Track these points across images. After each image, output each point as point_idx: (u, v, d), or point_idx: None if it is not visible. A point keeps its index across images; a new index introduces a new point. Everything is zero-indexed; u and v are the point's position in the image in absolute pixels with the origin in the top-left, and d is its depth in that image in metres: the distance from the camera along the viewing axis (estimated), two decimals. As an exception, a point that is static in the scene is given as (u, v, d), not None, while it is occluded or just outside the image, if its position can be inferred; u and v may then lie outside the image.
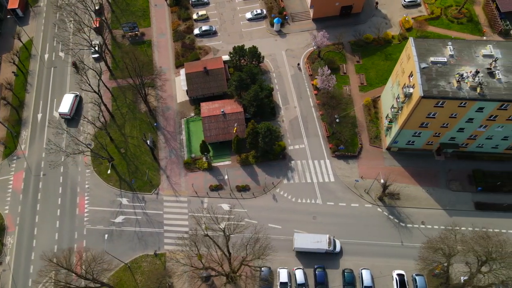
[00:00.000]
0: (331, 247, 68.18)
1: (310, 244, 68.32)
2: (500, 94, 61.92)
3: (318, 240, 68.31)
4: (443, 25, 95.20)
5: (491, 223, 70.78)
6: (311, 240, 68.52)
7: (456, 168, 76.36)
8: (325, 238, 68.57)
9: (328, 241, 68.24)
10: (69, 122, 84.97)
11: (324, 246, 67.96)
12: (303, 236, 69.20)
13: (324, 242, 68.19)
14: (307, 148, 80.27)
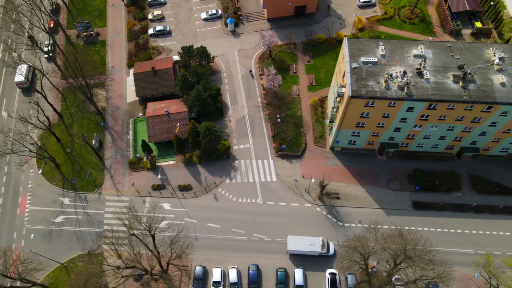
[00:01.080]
0: (325, 249, 67.40)
1: (303, 247, 67.01)
2: (427, 94, 62.27)
3: (312, 243, 66.98)
4: (395, 25, 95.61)
5: (427, 222, 71.35)
6: (305, 243, 67.24)
7: (398, 168, 76.75)
8: (318, 241, 67.52)
9: (321, 244, 67.28)
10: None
11: (317, 248, 66.76)
12: (297, 239, 67.90)
13: (317, 245, 66.98)
14: (252, 148, 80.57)
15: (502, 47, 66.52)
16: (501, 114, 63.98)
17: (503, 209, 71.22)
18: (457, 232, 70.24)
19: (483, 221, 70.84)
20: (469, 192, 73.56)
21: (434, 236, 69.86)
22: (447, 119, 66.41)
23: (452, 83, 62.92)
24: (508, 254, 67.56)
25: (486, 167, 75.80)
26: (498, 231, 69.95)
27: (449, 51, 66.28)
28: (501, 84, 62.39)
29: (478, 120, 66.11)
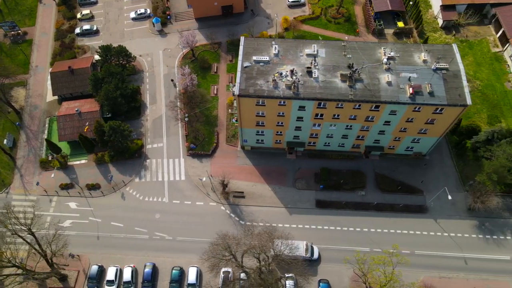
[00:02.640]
0: (309, 254, 66.61)
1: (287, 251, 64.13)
2: (314, 92, 62.58)
3: (295, 247, 65.15)
4: (321, 25, 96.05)
5: (329, 221, 71.61)
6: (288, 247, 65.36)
7: (306, 167, 77.03)
8: (302, 245, 66.88)
9: (305, 248, 66.73)
10: None
11: (301, 253, 65.95)
12: (282, 243, 65.70)
13: (301, 249, 66.23)
14: (165, 147, 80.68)
15: (394, 47, 66.92)
16: (391, 113, 64.46)
17: (403, 208, 71.69)
18: (356, 231, 70.56)
19: (383, 219, 71.24)
20: (373, 191, 73.96)
21: (334, 234, 70.34)
22: (341, 118, 66.84)
23: (340, 82, 63.29)
24: (403, 252, 67.82)
25: (393, 166, 76.26)
26: (396, 229, 70.34)
27: (342, 50, 66.65)
28: (387, 83, 62.79)
29: (371, 119, 66.53)
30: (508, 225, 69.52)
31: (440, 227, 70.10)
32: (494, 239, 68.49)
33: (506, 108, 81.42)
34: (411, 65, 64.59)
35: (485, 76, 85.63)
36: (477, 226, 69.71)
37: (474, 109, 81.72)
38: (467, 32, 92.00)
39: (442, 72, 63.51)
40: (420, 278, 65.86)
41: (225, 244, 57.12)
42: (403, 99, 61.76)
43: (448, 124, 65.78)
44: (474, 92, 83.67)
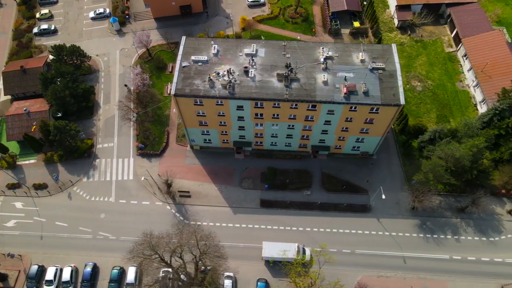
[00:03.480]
0: (300, 256, 65.89)
1: (279, 253, 65.10)
2: (250, 92, 62.64)
3: (287, 249, 65.28)
4: (278, 24, 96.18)
5: (272, 220, 71.64)
6: (279, 249, 65.49)
7: (254, 166, 77.06)
8: (294, 247, 66.20)
9: (296, 250, 66.03)
10: None
11: (292, 255, 64.96)
12: (271, 245, 66.25)
13: (292, 251, 65.54)
14: (116, 147, 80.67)
15: (334, 47, 67.09)
16: (328, 112, 64.62)
17: (346, 207, 71.84)
18: (299, 230, 70.64)
19: (326, 219, 71.30)
20: (318, 191, 74.06)
21: (278, 234, 70.30)
22: (281, 118, 66.96)
23: (276, 81, 63.40)
24: (343, 251, 68.20)
25: (340, 166, 76.39)
26: (338, 229, 70.45)
27: (282, 50, 66.77)
28: (323, 83, 62.94)
29: (311, 119, 66.68)
30: (449, 224, 69.73)
31: (382, 227, 70.27)
32: (434, 238, 68.69)
33: (456, 108, 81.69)
34: (349, 64, 64.75)
35: (437, 76, 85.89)
36: (418, 225, 69.89)
37: (424, 108, 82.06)
38: (423, 32, 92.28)
39: (379, 72, 63.71)
40: (358, 277, 66.07)
41: (148, 243, 57.06)
42: (338, 98, 61.91)
43: (387, 123, 65.95)
44: (425, 92, 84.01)
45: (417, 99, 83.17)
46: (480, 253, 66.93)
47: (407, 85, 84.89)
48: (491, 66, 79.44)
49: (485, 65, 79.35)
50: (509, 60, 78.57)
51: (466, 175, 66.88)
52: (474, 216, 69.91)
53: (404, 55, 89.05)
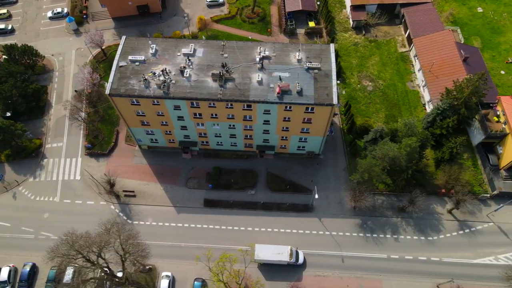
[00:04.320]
0: (293, 259, 65.31)
1: (271, 256, 64.92)
2: (185, 92, 62.69)
3: (280, 252, 64.83)
4: (235, 24, 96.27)
5: (215, 220, 71.74)
6: (272, 252, 65.09)
7: (200, 166, 77.14)
8: (286, 250, 65.54)
9: (289, 253, 65.41)
10: None
11: (285, 258, 64.75)
12: (264, 248, 65.72)
13: (285, 254, 64.97)
14: (64, 146, 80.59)
15: (273, 46, 67.17)
16: (265, 112, 64.76)
17: (289, 207, 71.97)
18: (241, 230, 70.75)
19: (268, 218, 71.38)
20: (263, 190, 74.17)
21: (220, 233, 70.45)
22: (220, 118, 67.06)
23: (211, 81, 63.48)
24: (283, 251, 68.49)
25: (286, 165, 76.54)
26: (279, 229, 70.56)
27: (221, 50, 66.85)
28: (258, 82, 63.04)
29: (250, 118, 66.80)
30: (390, 224, 69.97)
31: (323, 226, 70.44)
32: (374, 238, 68.89)
33: (405, 108, 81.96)
34: (286, 64, 64.89)
35: (388, 76, 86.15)
36: (359, 225, 70.09)
37: (373, 108, 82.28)
38: (378, 32, 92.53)
39: (314, 71, 63.89)
40: (295, 276, 66.24)
41: (70, 242, 56.97)
42: (271, 98, 62.04)
43: (325, 123, 66.11)
44: (376, 91, 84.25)
45: (367, 98, 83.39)
46: (417, 252, 67.20)
47: (358, 84, 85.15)
48: (439, 66, 79.75)
49: (432, 65, 79.69)
50: (456, 60, 78.87)
51: (403, 174, 67.11)
52: (415, 215, 70.23)
53: (357, 55, 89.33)
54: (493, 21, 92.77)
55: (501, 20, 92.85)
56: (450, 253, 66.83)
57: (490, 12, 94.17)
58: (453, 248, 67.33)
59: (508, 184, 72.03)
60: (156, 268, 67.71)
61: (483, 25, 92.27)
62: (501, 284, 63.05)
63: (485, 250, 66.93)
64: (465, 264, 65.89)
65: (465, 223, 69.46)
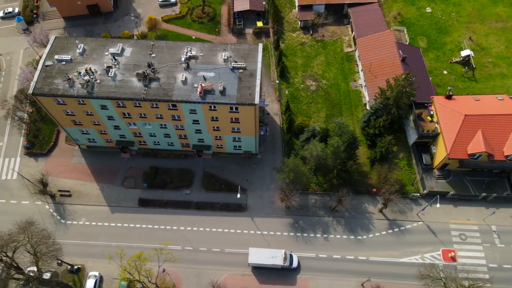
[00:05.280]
0: (287, 262, 64.92)
1: (265, 260, 64.64)
2: (109, 91, 62.67)
3: (273, 256, 64.61)
4: (185, 24, 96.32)
5: (149, 219, 71.75)
6: (266, 255, 64.89)
7: (138, 166, 77.14)
8: (280, 253, 65.18)
9: (283, 257, 64.99)
10: None
11: (279, 261, 64.33)
12: (258, 251, 65.48)
13: (279, 258, 64.58)
14: (4, 146, 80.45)
15: (202, 46, 67.21)
16: (191, 112, 64.87)
17: (222, 206, 72.07)
18: (173, 229, 70.81)
19: (201, 218, 71.42)
20: (198, 190, 74.27)
21: (153, 233, 70.49)
22: (149, 117, 67.12)
23: (136, 81, 63.52)
24: (213, 250, 68.51)
25: (223, 165, 76.66)
26: (211, 228, 70.63)
27: (149, 49, 66.91)
28: (182, 82, 63.13)
29: (178, 118, 66.89)
30: (321, 223, 70.15)
31: (255, 226, 70.60)
32: (304, 237, 69.08)
33: (346, 108, 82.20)
34: (212, 64, 64.97)
35: (332, 76, 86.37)
36: (291, 224, 70.27)
37: (314, 108, 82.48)
38: (325, 32, 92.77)
39: (239, 71, 64.01)
40: (223, 275, 66.35)
41: None
42: (194, 98, 62.14)
43: (252, 122, 66.20)
44: (318, 91, 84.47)
45: (309, 98, 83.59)
46: (345, 252, 67.43)
47: (301, 84, 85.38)
48: (378, 66, 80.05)
49: (371, 65, 79.97)
50: (394, 60, 79.12)
51: (330, 174, 67.34)
52: (346, 215, 70.47)
53: (303, 55, 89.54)
54: (440, 21, 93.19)
55: (449, 20, 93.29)
56: (377, 252, 67.13)
57: (439, 12, 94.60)
58: (381, 247, 67.63)
59: (440, 184, 72.58)
60: (85, 268, 67.73)
61: (431, 25, 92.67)
62: (418, 283, 62.80)
63: (413, 249, 67.26)
64: (391, 263, 66.18)
65: (395, 222, 69.77)
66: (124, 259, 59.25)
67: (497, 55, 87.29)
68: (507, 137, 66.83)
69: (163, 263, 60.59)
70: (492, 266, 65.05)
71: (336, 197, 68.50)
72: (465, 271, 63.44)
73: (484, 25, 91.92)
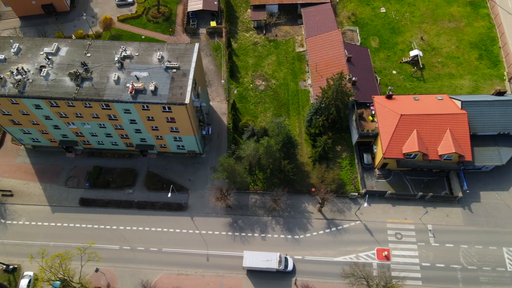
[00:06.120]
0: (282, 266, 64.30)
1: (260, 263, 64.19)
2: (40, 91, 62.61)
3: (268, 259, 64.15)
4: (141, 24, 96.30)
5: (89, 219, 71.72)
6: (261, 259, 64.43)
7: (83, 165, 77.15)
8: (275, 257, 64.77)
9: (278, 260, 64.45)
10: None
11: (274, 265, 63.84)
12: (253, 254, 65.06)
13: (274, 261, 64.11)
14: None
15: (139, 46, 67.14)
16: (126, 111, 64.90)
17: (163, 206, 72.13)
18: (113, 229, 70.82)
19: (142, 217, 71.42)
20: (140, 189, 74.35)
21: (94, 232, 70.50)
22: (85, 117, 67.10)
23: (69, 80, 63.51)
24: (151, 249, 68.62)
25: (167, 164, 76.74)
26: (151, 227, 70.65)
27: (85, 49, 66.88)
28: (115, 81, 63.15)
29: (115, 118, 66.92)
30: (260, 223, 70.25)
31: (194, 225, 70.73)
32: (241, 236, 69.21)
33: (294, 107, 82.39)
34: (146, 64, 64.99)
35: (282, 75, 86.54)
36: (230, 223, 70.39)
37: (262, 107, 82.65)
38: (279, 31, 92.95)
39: (172, 71, 64.08)
40: (159, 275, 66.46)
41: None
42: (125, 97, 62.20)
43: (187, 122, 66.30)
44: (267, 91, 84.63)
45: (257, 98, 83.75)
46: (282, 251, 67.31)
47: (250, 84, 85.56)
48: (325, 66, 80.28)
49: (316, 65, 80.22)
50: (340, 60, 79.35)
51: (265, 173, 67.52)
52: (285, 214, 70.65)
53: (255, 55, 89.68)
54: (394, 21, 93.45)
55: (402, 20, 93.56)
56: (313, 251, 67.33)
57: (393, 12, 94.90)
58: (317, 247, 67.83)
59: (380, 183, 72.87)
60: (21, 267, 67.70)
61: (384, 25, 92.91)
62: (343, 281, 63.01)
63: (348, 248, 67.52)
64: (326, 262, 66.39)
65: (333, 222, 70.00)
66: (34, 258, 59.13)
67: (447, 55, 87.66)
68: (442, 136, 67.19)
69: (85, 263, 60.49)
70: (425, 265, 65.40)
71: (271, 197, 68.65)
72: (398, 270, 63.93)
73: (437, 25, 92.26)
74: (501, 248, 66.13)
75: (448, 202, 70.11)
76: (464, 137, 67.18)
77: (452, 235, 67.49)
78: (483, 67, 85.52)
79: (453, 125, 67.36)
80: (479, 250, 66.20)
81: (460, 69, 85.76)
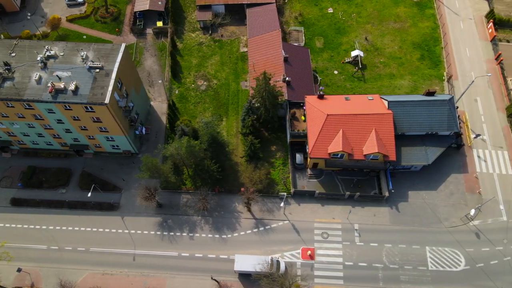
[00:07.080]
0: (274, 269, 63.23)
1: (252, 267, 63.28)
2: (-40, 91, 62.85)
3: (260, 262, 63.29)
4: (89, 24, 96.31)
5: (21, 219, 71.69)
6: (252, 262, 63.64)
7: (18, 165, 77.08)
8: (267, 260, 64.04)
9: (270, 263, 63.63)
10: None
11: (265, 268, 62.53)
12: (244, 258, 64.42)
13: (266, 265, 63.11)
14: None
15: (64, 46, 67.41)
16: (50, 111, 64.99)
17: (95, 205, 72.21)
18: (43, 228, 70.85)
19: (73, 217, 71.45)
20: (74, 189, 74.38)
21: (23, 232, 70.52)
22: (11, 117, 67.17)
23: (-12, 80, 63.66)
24: (78, 249, 68.71)
25: (103, 164, 76.77)
26: (80, 227, 70.72)
27: (10, 49, 66.94)
28: (36, 81, 63.27)
29: (41, 118, 67.00)
30: (189, 222, 70.40)
31: (124, 225, 70.82)
32: (170, 236, 69.34)
33: (233, 107, 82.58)
34: (70, 64, 65.17)
35: (224, 76, 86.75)
36: (159, 223, 70.51)
37: (201, 107, 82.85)
38: (225, 32, 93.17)
39: (95, 71, 64.22)
40: (84, 275, 66.54)
41: None
42: (46, 97, 62.31)
43: (113, 122, 66.45)
44: (208, 91, 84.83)
45: (198, 98, 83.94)
46: (208, 250, 67.68)
47: (192, 84, 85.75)
48: (263, 66, 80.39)
49: (253, 65, 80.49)
50: (277, 60, 79.67)
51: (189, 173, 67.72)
52: (215, 214, 70.85)
53: (199, 55, 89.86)
54: (340, 21, 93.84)
55: (349, 21, 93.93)
56: (239, 251, 67.35)
57: (340, 12, 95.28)
58: (244, 246, 68.01)
59: (312, 183, 73.16)
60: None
61: (330, 25, 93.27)
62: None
63: (274, 247, 67.75)
64: (250, 262, 66.70)
65: (262, 221, 70.21)
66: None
67: (390, 55, 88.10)
68: (367, 136, 67.57)
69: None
70: (348, 264, 65.75)
71: (197, 197, 68.86)
72: (321, 269, 64.29)
73: (382, 25, 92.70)
74: (424, 247, 66.55)
75: (377, 202, 70.49)
76: (389, 137, 67.56)
77: (377, 235, 67.88)
78: (424, 67, 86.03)
79: (378, 125, 67.74)
80: (402, 249, 66.61)
81: (401, 69, 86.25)
